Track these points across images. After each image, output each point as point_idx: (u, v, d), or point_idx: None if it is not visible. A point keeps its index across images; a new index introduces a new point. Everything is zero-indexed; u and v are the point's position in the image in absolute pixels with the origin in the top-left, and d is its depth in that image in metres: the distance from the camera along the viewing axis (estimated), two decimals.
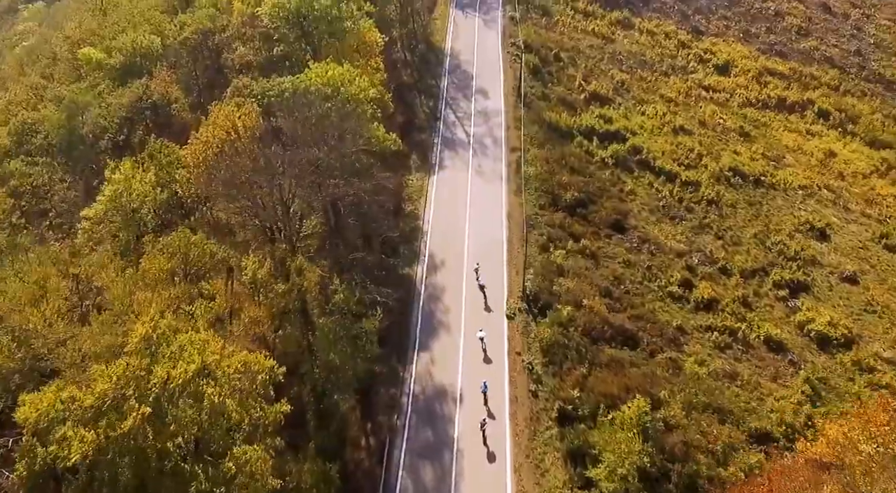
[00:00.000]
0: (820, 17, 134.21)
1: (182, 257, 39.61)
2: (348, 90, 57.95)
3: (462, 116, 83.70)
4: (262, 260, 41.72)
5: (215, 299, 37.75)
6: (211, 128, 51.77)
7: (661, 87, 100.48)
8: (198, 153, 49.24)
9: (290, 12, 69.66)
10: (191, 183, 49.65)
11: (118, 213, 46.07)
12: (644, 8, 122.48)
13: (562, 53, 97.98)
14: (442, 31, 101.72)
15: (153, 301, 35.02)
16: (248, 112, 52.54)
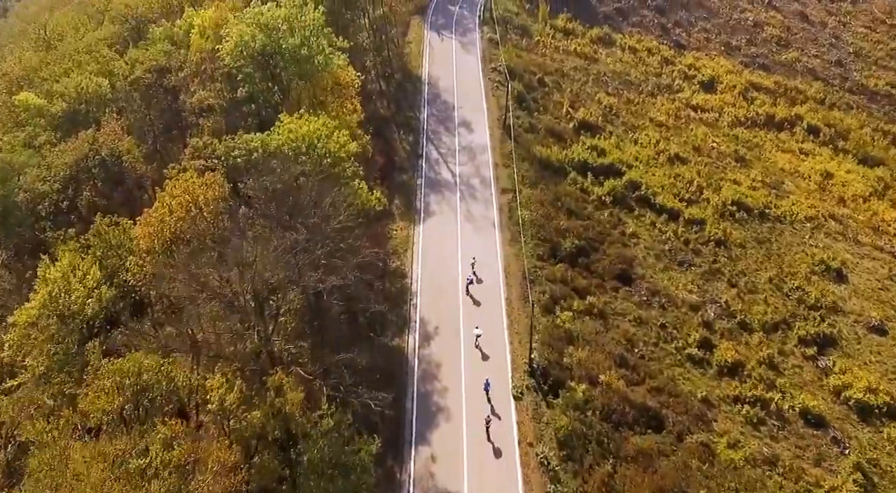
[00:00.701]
0: (798, 27, 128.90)
1: (132, 388, 31.27)
2: (326, 146, 49.74)
3: (446, 153, 75.74)
4: (232, 378, 33.53)
5: (174, 447, 29.51)
6: (167, 203, 43.24)
7: (650, 109, 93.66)
8: (152, 237, 40.79)
9: (255, 51, 61.14)
10: (145, 272, 41.16)
11: (54, 316, 37.49)
12: (623, 23, 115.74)
13: (546, 78, 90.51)
14: (418, 57, 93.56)
15: (95, 463, 26.65)
16: (211, 183, 44.09)
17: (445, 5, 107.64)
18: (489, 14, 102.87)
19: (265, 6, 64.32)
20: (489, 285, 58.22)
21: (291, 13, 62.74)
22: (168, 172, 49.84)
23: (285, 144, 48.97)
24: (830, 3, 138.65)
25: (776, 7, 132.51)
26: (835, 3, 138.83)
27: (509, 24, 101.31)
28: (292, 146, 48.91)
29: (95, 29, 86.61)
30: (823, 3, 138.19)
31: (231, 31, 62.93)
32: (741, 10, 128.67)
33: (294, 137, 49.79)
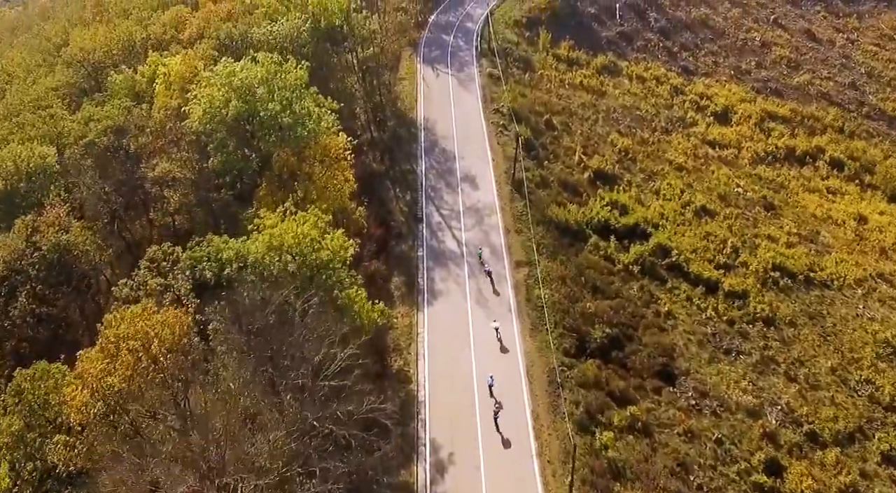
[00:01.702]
0: (807, 46, 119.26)
1: None
2: (319, 256, 38.93)
3: (449, 215, 64.95)
4: None
5: None
6: (109, 350, 32.27)
7: (666, 149, 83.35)
8: (86, 408, 29.80)
9: (229, 118, 50.17)
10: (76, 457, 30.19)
11: None
12: (628, 48, 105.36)
13: (554, 119, 79.86)
14: (411, 96, 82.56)
15: None
16: (172, 321, 33.02)
17: (439, 35, 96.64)
18: (487, 45, 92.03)
19: (239, 64, 53.18)
20: (511, 397, 47.52)
21: (270, 72, 51.68)
22: (118, 289, 38.67)
23: (266, 256, 38.01)
24: (837, 20, 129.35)
25: (782, 25, 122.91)
26: (841, 20, 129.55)
27: (509, 55, 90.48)
28: (274, 259, 37.96)
29: (48, 73, 74.94)
30: (829, 20, 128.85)
31: (199, 94, 51.80)
32: (747, 29, 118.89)
33: (277, 242, 38.80)
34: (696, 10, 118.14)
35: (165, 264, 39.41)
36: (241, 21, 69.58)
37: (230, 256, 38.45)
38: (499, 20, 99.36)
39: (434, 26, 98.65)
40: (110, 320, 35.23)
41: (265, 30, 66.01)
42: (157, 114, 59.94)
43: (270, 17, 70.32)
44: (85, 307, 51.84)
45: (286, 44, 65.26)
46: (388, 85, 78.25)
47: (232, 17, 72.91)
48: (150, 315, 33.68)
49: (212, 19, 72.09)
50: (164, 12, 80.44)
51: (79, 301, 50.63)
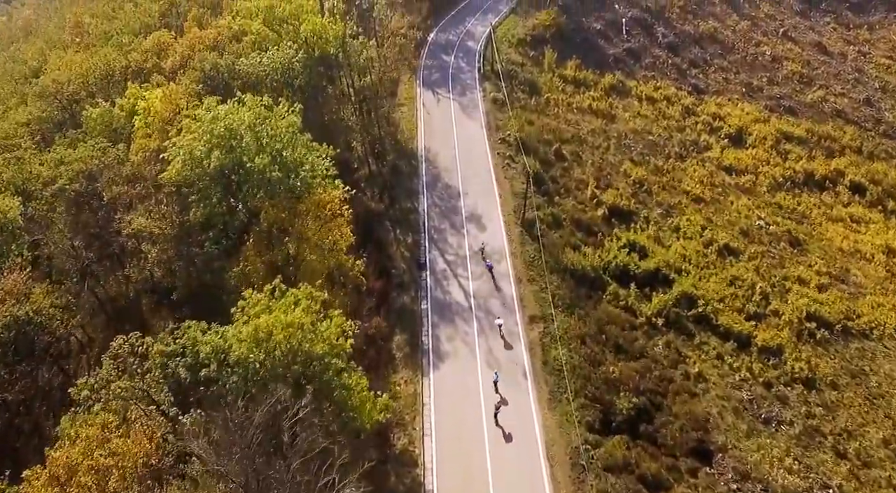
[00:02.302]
0: (818, 60, 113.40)
1: None
2: (312, 349, 32.79)
3: (454, 260, 58.79)
4: None
5: None
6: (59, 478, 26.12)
7: (682, 178, 77.31)
8: None
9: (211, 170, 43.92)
10: None
11: None
12: (636, 65, 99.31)
13: (563, 148, 73.71)
14: (410, 123, 76.34)
15: None
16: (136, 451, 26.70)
17: (439, 55, 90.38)
18: (490, 66, 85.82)
19: (223, 107, 46.82)
20: (530, 484, 41.49)
21: (258, 118, 45.36)
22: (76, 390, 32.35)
23: (251, 353, 31.80)
24: (847, 32, 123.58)
25: (792, 38, 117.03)
26: (851, 31, 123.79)
27: (514, 78, 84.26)
28: (259, 356, 31.77)
29: (19, 104, 68.54)
30: (840, 32, 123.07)
31: (179, 143, 45.50)
32: (756, 43, 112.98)
33: (264, 334, 32.60)
34: (705, 24, 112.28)
35: (133, 361, 33.18)
36: (228, 50, 63.26)
37: (208, 352, 32.30)
38: (501, 38, 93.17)
39: (434, 45, 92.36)
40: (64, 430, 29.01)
41: (254, 61, 59.72)
42: (135, 157, 53.58)
43: (260, 45, 64.03)
44: (52, 380, 45.63)
45: (276, 76, 58.98)
46: (386, 116, 71.83)
47: (218, 44, 66.57)
48: (109, 440, 27.51)
49: (197, 47, 65.72)
50: (146, 37, 73.92)
51: (43, 373, 44.41)
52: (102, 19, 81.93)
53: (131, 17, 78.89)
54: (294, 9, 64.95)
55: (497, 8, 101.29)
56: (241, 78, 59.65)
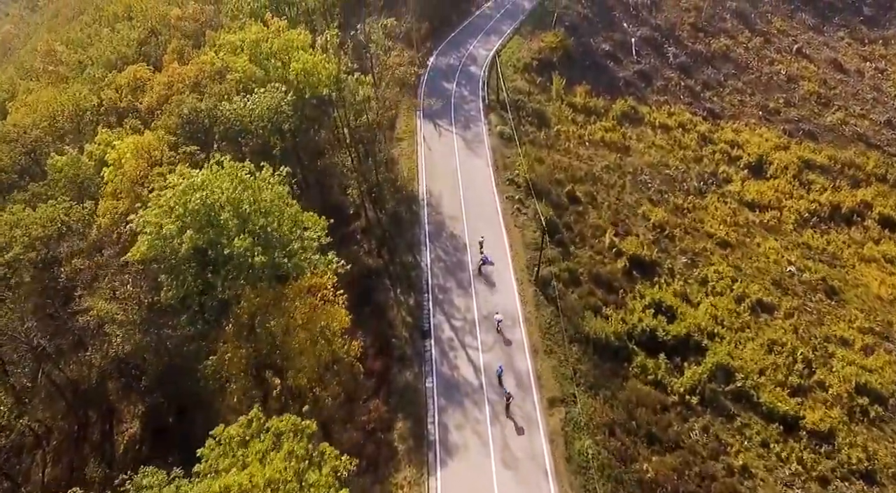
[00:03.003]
0: (835, 79, 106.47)
1: None
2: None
3: (461, 327, 51.75)
4: None
5: None
6: None
7: (704, 217, 70.39)
8: None
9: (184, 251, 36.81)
10: None
11: None
12: (647, 89, 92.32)
13: (577, 189, 66.57)
14: (411, 161, 69.26)
15: None
16: None
17: (439, 82, 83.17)
18: (495, 96, 78.66)
19: (200, 174, 39.56)
20: None
21: (238, 187, 38.17)
22: None
23: None
24: (862, 47, 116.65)
25: (807, 55, 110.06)
26: (867, 47, 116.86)
27: (521, 109, 77.12)
28: None
29: None
30: (855, 48, 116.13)
31: (147, 219, 38.30)
32: (770, 61, 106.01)
33: None
34: (716, 42, 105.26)
35: None
36: (210, 91, 56.05)
37: None
38: (506, 63, 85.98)
39: (434, 71, 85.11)
40: None
41: (237, 106, 52.54)
42: (102, 218, 46.42)
43: (245, 85, 56.83)
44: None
45: (263, 123, 51.85)
46: (385, 161, 64.56)
47: (200, 82, 59.40)
48: None
49: (176, 85, 58.51)
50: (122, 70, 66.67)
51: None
52: (76, 47, 74.61)
53: (107, 46, 71.58)
54: (283, 44, 57.73)
55: (500, 29, 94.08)
56: (223, 124, 52.45)
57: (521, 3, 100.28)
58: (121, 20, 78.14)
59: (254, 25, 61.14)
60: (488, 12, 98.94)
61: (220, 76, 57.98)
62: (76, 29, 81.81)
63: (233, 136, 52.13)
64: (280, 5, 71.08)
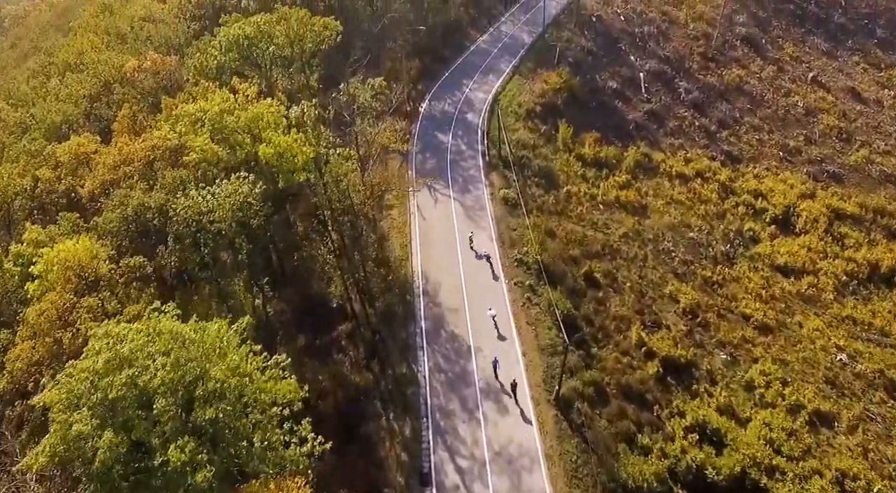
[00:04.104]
0: (854, 110, 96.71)
1: None
2: None
3: (469, 468, 41.27)
4: None
5: None
6: None
7: (737, 293, 60.26)
8: None
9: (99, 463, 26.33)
10: None
11: None
12: (660, 131, 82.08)
13: (594, 268, 56.19)
14: (403, 235, 58.76)
15: None
16: None
17: (433, 132, 72.58)
18: (497, 150, 68.27)
19: (129, 335, 28.90)
20: None
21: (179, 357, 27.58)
22: None
23: None
24: (878, 72, 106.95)
25: (822, 84, 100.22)
26: (883, 72, 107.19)
27: (526, 166, 66.74)
28: None
29: None
30: (871, 73, 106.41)
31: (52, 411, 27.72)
32: (786, 92, 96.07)
33: None
34: (729, 72, 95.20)
35: None
36: (163, 180, 45.36)
37: None
38: (506, 108, 75.56)
39: (426, 120, 74.55)
40: None
41: (194, 202, 41.95)
42: (14, 363, 35.81)
43: (205, 170, 46.22)
44: None
45: (224, 226, 41.34)
46: (373, 256, 53.78)
47: (153, 159, 48.74)
48: None
49: (122, 168, 47.81)
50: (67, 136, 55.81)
51: None
52: (18, 103, 63.60)
53: (52, 105, 60.63)
54: (252, 117, 47.11)
55: (498, 66, 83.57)
56: (177, 223, 41.85)
57: (519, 36, 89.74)
58: (72, 70, 67.12)
59: (217, 93, 50.42)
60: (484, 46, 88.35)
61: (175, 157, 47.30)
62: (22, 78, 70.66)
63: (188, 237, 41.55)
64: (252, 54, 60.38)
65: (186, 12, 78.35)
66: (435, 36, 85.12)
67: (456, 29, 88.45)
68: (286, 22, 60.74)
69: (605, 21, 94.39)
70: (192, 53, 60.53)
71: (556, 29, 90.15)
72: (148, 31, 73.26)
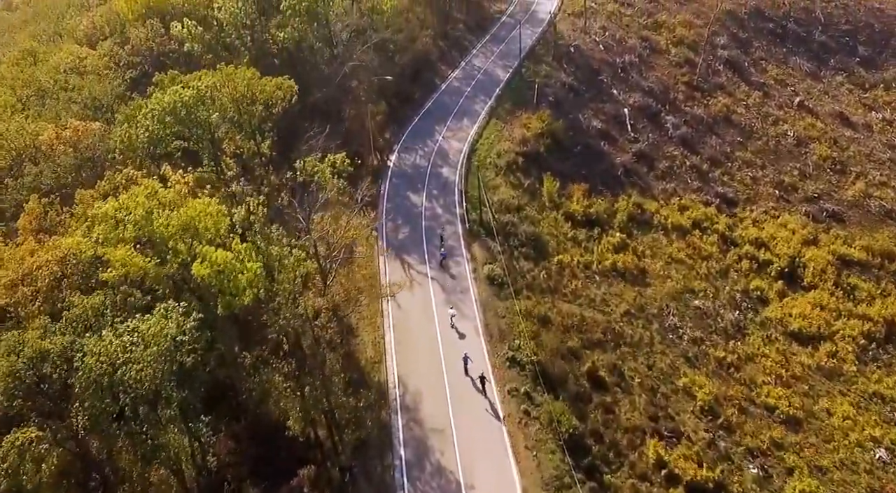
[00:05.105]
0: (844, 137, 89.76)
1: None
2: None
3: None
4: None
5: None
6: None
7: (755, 376, 52.28)
8: None
9: None
10: None
11: None
12: (650, 175, 73.65)
13: (598, 363, 47.33)
14: (374, 329, 49.09)
15: None
16: None
17: (404, 192, 62.89)
18: (476, 213, 59.03)
19: None
20: None
21: None
22: None
23: None
24: (864, 93, 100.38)
25: (810, 109, 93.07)
26: (868, 93, 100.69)
27: (511, 235, 57.57)
28: None
29: None
30: (856, 95, 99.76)
31: None
32: (774, 120, 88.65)
33: None
34: (715, 102, 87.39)
35: None
36: (70, 313, 35.16)
37: None
38: (484, 160, 66.40)
39: (396, 177, 64.94)
40: None
41: (108, 347, 31.98)
42: None
43: (125, 294, 36.13)
44: None
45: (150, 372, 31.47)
46: (341, 375, 44.06)
47: (62, 277, 38.46)
48: None
49: (20, 289, 37.45)
50: None
51: None
52: None
53: None
54: (185, 221, 37.15)
55: (472, 108, 74.23)
56: (87, 375, 31.83)
57: (493, 72, 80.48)
58: None
59: (144, 184, 40.31)
60: (456, 84, 78.90)
61: (89, 274, 37.13)
62: None
63: (100, 395, 31.64)
64: (191, 124, 50.20)
65: (120, 60, 67.51)
66: (403, 74, 75.39)
67: (425, 65, 78.87)
68: (232, 83, 50.55)
69: (584, 51, 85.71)
70: (120, 122, 50.02)
71: (532, 62, 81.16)
72: (74, 84, 62.29)
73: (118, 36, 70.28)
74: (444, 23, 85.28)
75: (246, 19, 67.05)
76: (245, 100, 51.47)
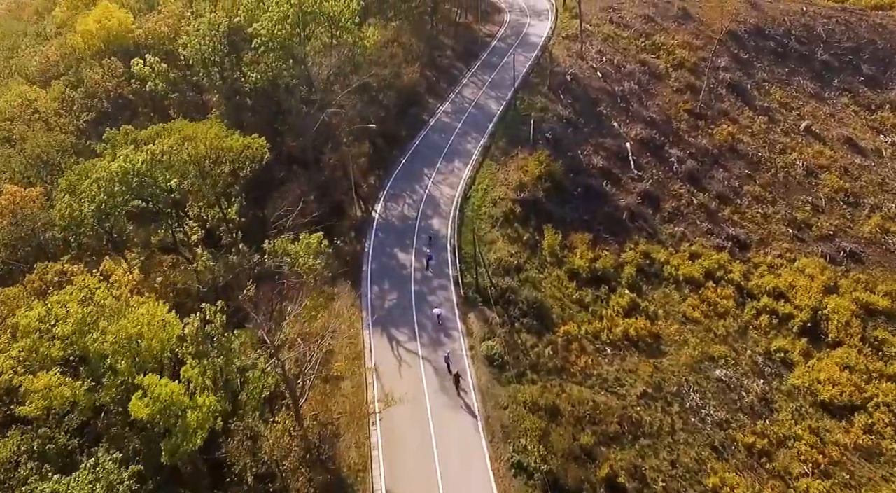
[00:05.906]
0: (855, 164, 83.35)
1: None
2: None
3: None
4: None
5: None
6: None
7: (790, 464, 45.63)
8: None
9: None
10: None
11: None
12: (657, 217, 66.69)
13: (616, 465, 40.51)
14: (359, 427, 42.08)
15: None
16: None
17: (391, 250, 55.47)
18: (472, 275, 51.76)
19: None
20: None
21: None
22: None
23: None
24: (869, 115, 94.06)
25: (817, 135, 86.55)
26: (874, 114, 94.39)
27: (511, 303, 50.38)
28: None
29: None
30: (862, 117, 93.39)
31: None
32: (781, 147, 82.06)
33: None
34: (719, 130, 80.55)
35: None
36: None
37: None
38: (479, 209, 59.11)
39: (382, 232, 57.57)
40: None
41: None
42: None
43: (45, 437, 28.51)
44: None
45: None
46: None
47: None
48: None
49: None
50: None
51: None
52: None
53: None
54: (125, 337, 29.64)
55: (464, 147, 66.93)
56: None
57: (485, 105, 73.14)
58: None
59: (78, 282, 32.75)
60: (446, 119, 71.49)
61: (6, 406, 29.48)
62: None
63: None
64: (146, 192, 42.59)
65: (73, 103, 59.57)
66: (388, 110, 67.90)
67: (412, 99, 71.36)
68: (193, 144, 42.90)
69: (581, 79, 78.57)
70: (62, 191, 42.32)
71: (527, 93, 73.90)
72: (20, 133, 54.36)
73: (73, 75, 62.22)
74: (431, 50, 77.80)
75: (214, 56, 59.23)
76: (208, 160, 43.80)
